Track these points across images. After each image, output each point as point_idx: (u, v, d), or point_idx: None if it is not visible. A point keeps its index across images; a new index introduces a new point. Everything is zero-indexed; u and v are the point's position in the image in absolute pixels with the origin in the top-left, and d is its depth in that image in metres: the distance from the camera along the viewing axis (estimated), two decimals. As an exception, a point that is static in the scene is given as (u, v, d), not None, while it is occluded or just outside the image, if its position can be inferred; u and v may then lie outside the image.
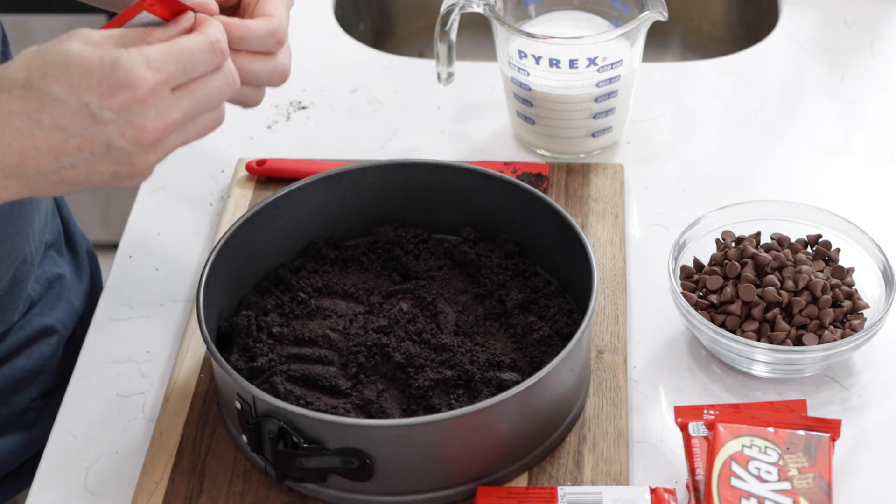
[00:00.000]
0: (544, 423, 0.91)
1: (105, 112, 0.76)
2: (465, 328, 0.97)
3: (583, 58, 1.11)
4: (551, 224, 0.99)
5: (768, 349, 0.95)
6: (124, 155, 0.78)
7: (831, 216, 1.04)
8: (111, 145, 0.77)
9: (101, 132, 0.77)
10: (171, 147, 0.80)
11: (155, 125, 0.77)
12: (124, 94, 0.76)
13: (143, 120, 0.77)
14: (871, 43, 1.32)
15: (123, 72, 0.75)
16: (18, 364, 1.08)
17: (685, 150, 1.20)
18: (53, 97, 0.76)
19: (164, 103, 0.77)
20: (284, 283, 1.02)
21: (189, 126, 0.80)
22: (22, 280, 1.05)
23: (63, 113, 0.76)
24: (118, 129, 0.76)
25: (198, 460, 0.93)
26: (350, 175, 1.04)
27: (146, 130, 0.77)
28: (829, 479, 0.87)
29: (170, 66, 0.77)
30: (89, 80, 0.75)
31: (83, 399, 0.99)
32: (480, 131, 1.23)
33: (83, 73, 0.75)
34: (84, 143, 0.77)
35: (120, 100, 0.76)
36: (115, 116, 0.76)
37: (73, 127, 0.76)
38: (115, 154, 0.78)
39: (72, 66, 0.76)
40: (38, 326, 1.09)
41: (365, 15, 1.50)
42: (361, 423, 0.86)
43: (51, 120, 0.76)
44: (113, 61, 0.76)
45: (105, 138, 0.77)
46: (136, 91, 0.76)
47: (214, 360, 0.89)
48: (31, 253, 1.06)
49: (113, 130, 0.76)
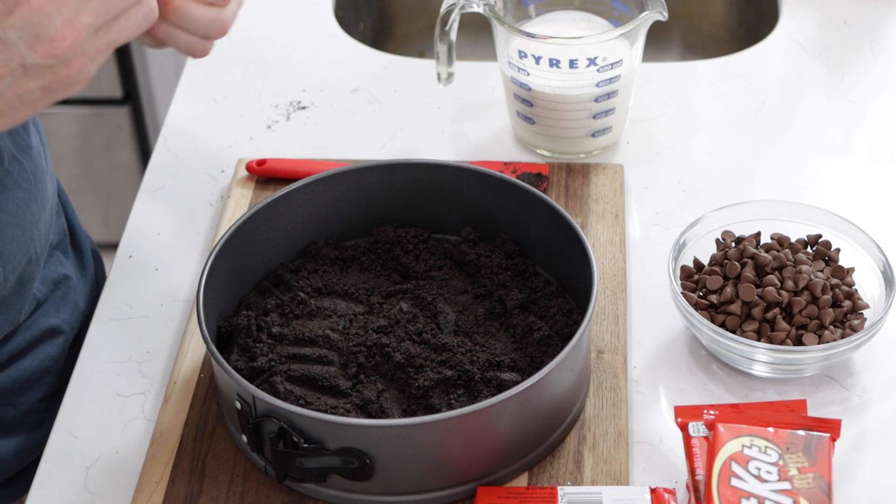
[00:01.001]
0: (544, 423, 0.91)
1: (9, 32, 0.73)
2: (465, 328, 0.97)
3: (583, 58, 1.11)
4: (551, 224, 0.99)
5: (768, 349, 0.95)
6: (45, 69, 0.75)
7: (831, 216, 1.04)
8: (27, 64, 0.74)
9: (13, 54, 0.74)
10: (98, 49, 0.76)
11: (64, 32, 0.74)
12: (21, 7, 0.72)
13: (49, 29, 0.73)
14: (871, 43, 1.32)
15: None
16: (24, 365, 1.08)
17: (685, 150, 1.20)
18: None
19: (70, 8, 0.73)
20: (284, 283, 1.02)
21: (112, 25, 0.76)
22: (28, 280, 1.04)
23: None
24: (28, 46, 0.73)
25: (198, 460, 0.93)
26: (350, 175, 1.04)
27: (56, 40, 0.73)
28: (829, 479, 0.87)
29: None
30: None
31: (83, 399, 0.99)
32: (480, 131, 1.23)
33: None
34: (4, 70, 0.74)
35: (19, 15, 0.73)
36: (20, 34, 0.73)
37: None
38: (34, 70, 0.75)
39: None
40: (44, 327, 1.09)
41: (365, 15, 1.50)
42: (361, 423, 0.86)
43: None
44: None
45: (19, 59, 0.74)
46: (32, 2, 0.73)
47: (214, 360, 0.89)
48: (37, 253, 1.05)
49: (23, 48, 0.73)
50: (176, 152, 1.21)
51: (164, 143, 1.22)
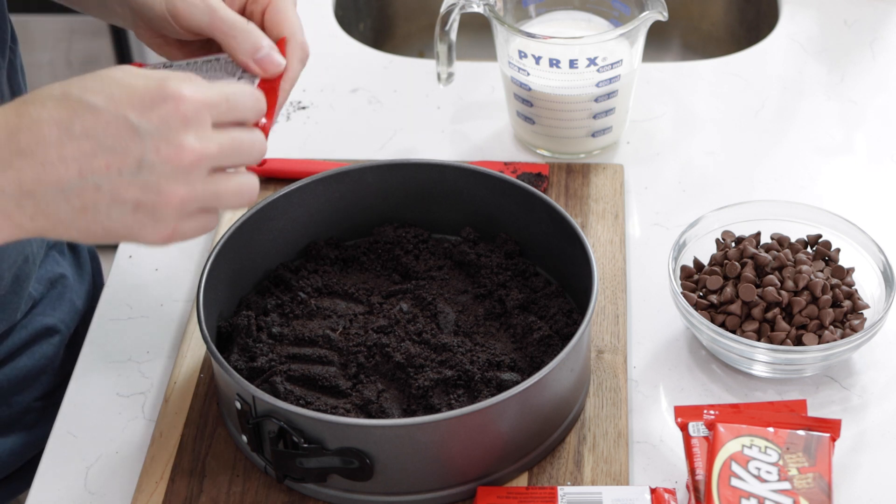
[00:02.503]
0: (544, 423, 0.91)
1: (143, 122, 0.73)
2: (465, 328, 0.97)
3: (583, 58, 1.11)
4: (551, 224, 0.99)
5: (768, 349, 0.95)
6: (154, 177, 0.73)
7: (831, 216, 1.04)
8: (143, 163, 0.73)
9: (137, 145, 0.73)
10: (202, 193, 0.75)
11: (193, 147, 0.74)
12: (167, 105, 0.73)
13: (183, 138, 0.73)
14: (871, 43, 1.32)
15: (170, 88, 0.73)
16: (20, 364, 1.08)
17: (685, 150, 1.20)
18: (91, 106, 0.72)
19: (205, 131, 0.75)
20: (284, 283, 1.02)
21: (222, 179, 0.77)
22: (24, 279, 1.05)
23: (98, 122, 0.72)
24: (154, 144, 0.73)
25: (198, 460, 0.93)
26: (350, 175, 1.04)
27: (184, 149, 0.73)
28: (829, 479, 0.87)
29: (215, 96, 0.75)
30: (132, 95, 0.73)
31: (83, 399, 0.99)
32: (480, 131, 1.23)
33: (126, 89, 0.73)
34: (114, 161, 0.73)
35: (162, 112, 0.73)
36: (154, 130, 0.73)
37: (106, 138, 0.73)
38: (144, 176, 0.73)
39: (115, 83, 0.73)
40: (39, 326, 1.09)
41: (365, 15, 1.50)
42: (361, 423, 0.86)
43: (83, 129, 0.72)
44: (160, 79, 0.74)
45: (139, 153, 0.73)
46: (179, 104, 0.73)
47: (214, 360, 0.89)
48: (33, 252, 1.06)
49: (149, 144, 0.73)
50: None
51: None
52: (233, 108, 0.77)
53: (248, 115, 0.78)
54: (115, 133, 0.73)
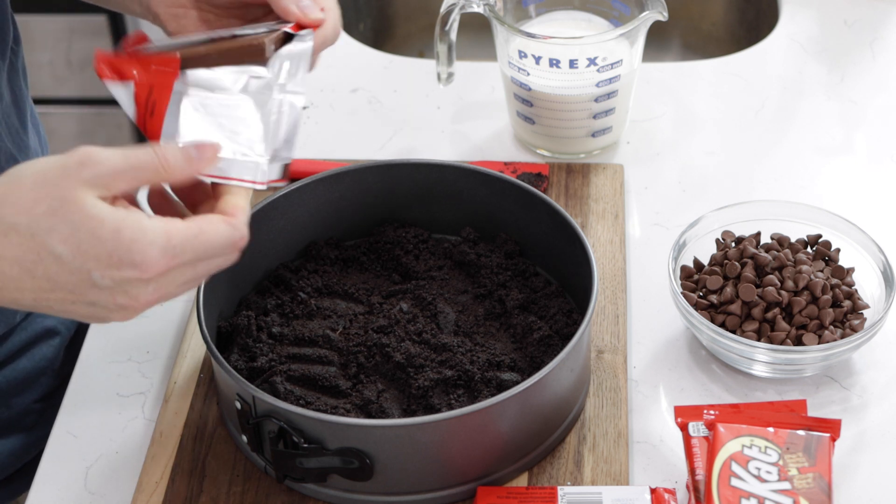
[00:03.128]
0: (544, 423, 0.91)
1: (105, 280, 0.72)
2: (465, 328, 0.97)
3: (583, 58, 1.11)
4: (551, 224, 0.99)
5: (768, 349, 0.95)
6: (105, 311, 0.75)
7: (831, 216, 1.04)
8: (96, 304, 0.74)
9: (92, 293, 0.73)
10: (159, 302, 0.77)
11: (149, 299, 0.74)
12: (132, 272, 0.72)
13: (139, 293, 0.74)
14: (871, 43, 1.32)
15: (139, 255, 0.72)
16: (20, 366, 1.08)
17: (685, 150, 1.20)
18: (56, 256, 0.72)
19: (167, 280, 0.74)
20: (284, 283, 1.02)
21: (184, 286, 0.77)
22: None
23: (60, 272, 0.72)
24: (111, 295, 0.73)
25: (198, 460, 0.93)
26: (350, 175, 1.04)
27: (139, 301, 0.74)
28: (829, 479, 0.87)
29: (186, 255, 0.74)
30: (98, 250, 0.72)
31: (83, 399, 0.99)
32: (480, 131, 1.23)
33: (94, 240, 0.71)
34: (68, 297, 0.73)
35: (124, 275, 0.72)
36: (114, 286, 0.73)
37: (66, 283, 0.73)
38: (96, 310, 0.75)
39: (83, 229, 0.71)
40: (39, 328, 1.09)
41: (365, 15, 1.50)
42: (361, 423, 0.86)
43: (45, 274, 0.72)
44: (131, 241, 0.72)
45: (93, 298, 0.73)
46: (144, 273, 0.73)
47: (214, 360, 0.89)
48: None
49: (105, 295, 0.73)
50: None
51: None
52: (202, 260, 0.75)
53: (217, 261, 0.77)
54: (76, 282, 0.72)
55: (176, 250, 0.73)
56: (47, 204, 0.71)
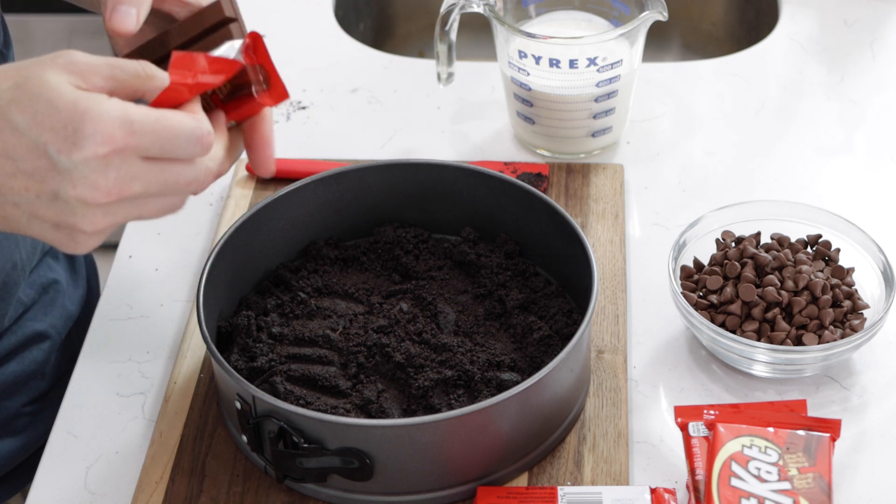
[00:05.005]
0: (544, 423, 0.91)
1: (62, 158, 0.70)
2: (465, 328, 0.97)
3: (583, 58, 1.11)
4: (551, 224, 0.99)
5: (768, 349, 0.95)
6: (69, 210, 0.72)
7: (831, 216, 1.04)
8: (58, 196, 0.71)
9: (53, 178, 0.70)
10: (123, 218, 0.73)
11: (110, 187, 0.71)
12: (88, 146, 0.70)
13: (99, 178, 0.70)
14: (871, 43, 1.32)
15: (92, 123, 0.69)
16: (9, 369, 1.07)
17: (685, 150, 1.20)
18: (13, 126, 0.70)
19: (129, 170, 0.71)
20: (284, 283, 1.02)
21: (148, 201, 0.74)
22: (12, 286, 1.04)
23: (18, 145, 0.70)
24: (70, 181, 0.70)
25: (198, 460, 0.93)
26: (350, 175, 1.04)
27: (99, 190, 0.71)
28: (829, 479, 0.87)
29: (147, 136, 0.71)
30: (54, 119, 0.69)
31: (83, 399, 0.99)
32: (480, 131, 1.23)
33: (51, 110, 0.69)
34: (31, 185, 0.71)
35: (80, 154, 0.70)
36: (72, 167, 0.70)
37: (24, 162, 0.70)
38: (60, 206, 0.71)
39: (42, 99, 0.70)
40: (30, 332, 1.08)
41: (365, 15, 1.50)
42: (361, 423, 0.86)
43: (4, 147, 0.70)
44: (85, 109, 0.69)
45: (55, 186, 0.71)
46: (99, 147, 0.70)
47: (214, 360, 0.89)
48: (22, 259, 1.05)
49: (65, 181, 0.70)
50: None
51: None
52: (166, 150, 0.72)
53: (183, 156, 0.73)
54: (34, 160, 0.70)
55: (134, 125, 0.70)
56: (14, 80, 0.71)
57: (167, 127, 0.72)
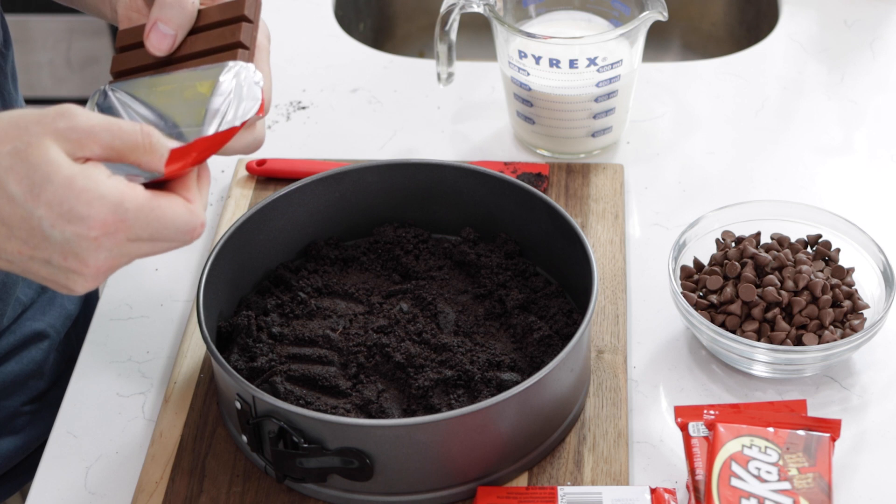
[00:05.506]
0: (544, 423, 0.91)
1: (55, 232, 0.71)
2: (465, 328, 0.97)
3: (583, 58, 1.11)
4: (551, 224, 1.00)
5: (768, 349, 0.95)
6: (61, 274, 0.74)
7: (831, 216, 1.04)
8: (51, 263, 0.73)
9: (46, 248, 0.72)
10: (124, 256, 0.75)
11: (99, 265, 0.73)
12: (79, 227, 0.71)
13: (90, 257, 0.72)
14: (871, 43, 1.32)
15: (86, 206, 0.71)
16: (7, 369, 1.07)
17: (685, 150, 1.20)
18: (9, 195, 0.71)
19: (119, 249, 0.73)
20: (284, 283, 1.02)
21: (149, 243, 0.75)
22: (10, 287, 1.04)
23: (13, 214, 0.71)
24: (62, 253, 0.72)
25: (198, 460, 0.93)
26: (350, 175, 1.04)
27: (88, 266, 0.73)
28: (829, 479, 0.87)
29: (138, 224, 0.73)
30: (49, 195, 0.71)
31: (83, 399, 0.99)
32: (480, 131, 1.23)
33: (46, 184, 0.70)
34: (25, 250, 0.73)
35: (73, 230, 0.71)
36: (63, 242, 0.72)
37: (18, 230, 0.72)
38: (52, 269, 0.73)
39: (39, 171, 0.70)
40: (28, 331, 1.08)
41: (365, 15, 1.50)
42: (361, 423, 0.86)
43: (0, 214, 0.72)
44: (82, 189, 0.71)
45: (47, 255, 0.72)
46: (91, 231, 0.71)
47: (214, 360, 0.89)
48: None
49: (57, 252, 0.72)
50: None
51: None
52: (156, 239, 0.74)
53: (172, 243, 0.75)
54: (28, 230, 0.72)
55: (128, 214, 0.72)
56: (13, 144, 0.71)
57: (160, 217, 0.74)
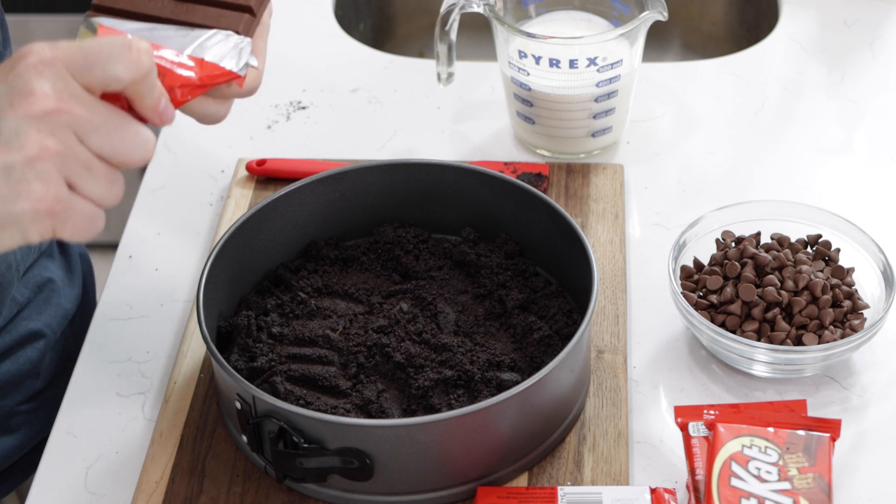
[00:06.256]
0: (544, 423, 0.91)
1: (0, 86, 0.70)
2: (465, 328, 0.97)
3: (583, 58, 1.11)
4: (551, 224, 1.00)
5: (768, 349, 0.95)
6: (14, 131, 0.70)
7: (831, 216, 1.04)
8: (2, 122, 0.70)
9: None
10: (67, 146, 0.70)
11: (47, 92, 0.70)
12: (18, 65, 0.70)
13: (34, 84, 0.70)
14: (871, 43, 1.32)
15: (25, 49, 0.71)
16: (3, 368, 1.07)
17: (685, 150, 1.20)
18: None
19: (63, 82, 0.71)
20: (284, 283, 1.02)
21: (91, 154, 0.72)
22: (6, 286, 1.04)
23: None
24: (9, 99, 0.70)
25: (198, 460, 0.93)
26: (350, 175, 1.04)
27: (36, 95, 0.70)
28: (829, 479, 0.87)
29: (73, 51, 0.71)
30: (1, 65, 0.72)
31: (83, 399, 0.99)
32: (480, 131, 1.23)
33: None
34: None
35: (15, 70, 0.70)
36: (7, 87, 0.70)
37: None
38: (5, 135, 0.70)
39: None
40: (24, 331, 1.08)
41: (365, 15, 1.50)
42: (361, 423, 0.86)
43: None
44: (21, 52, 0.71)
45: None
46: (29, 56, 0.70)
47: (214, 360, 0.89)
48: (17, 260, 1.05)
49: (4, 101, 0.70)
50: (176, 152, 1.21)
51: (164, 143, 1.22)
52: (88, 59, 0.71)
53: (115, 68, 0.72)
54: None
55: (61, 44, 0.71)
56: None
57: (93, 43, 0.72)
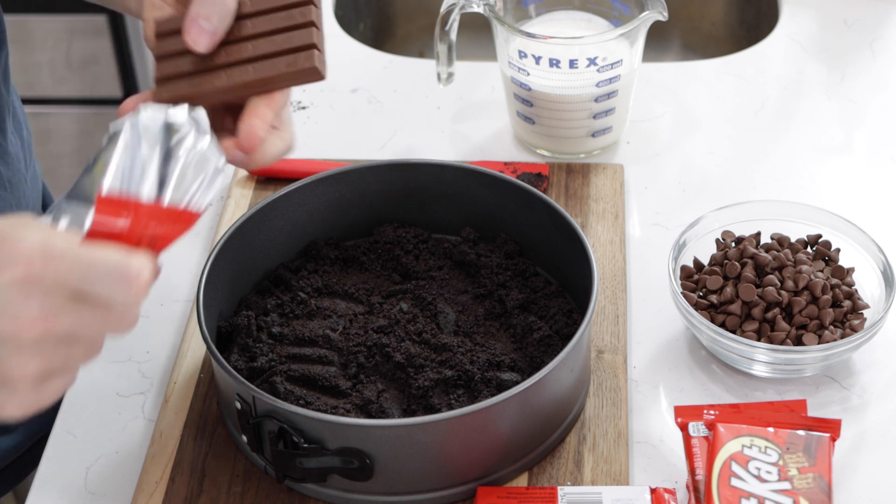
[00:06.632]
0: (544, 423, 0.91)
1: None
2: (465, 328, 0.97)
3: (583, 58, 1.11)
4: (551, 224, 1.00)
5: (768, 349, 0.95)
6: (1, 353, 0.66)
7: (831, 216, 1.04)
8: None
9: None
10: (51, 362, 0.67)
11: (34, 317, 0.65)
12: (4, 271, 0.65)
13: (21, 309, 0.65)
14: (871, 43, 1.32)
15: (10, 244, 0.65)
16: None
17: (685, 150, 1.20)
18: None
19: (53, 302, 0.66)
20: (284, 283, 1.02)
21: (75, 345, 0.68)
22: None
23: None
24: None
25: (198, 460, 0.93)
26: (350, 175, 1.04)
27: (20, 320, 0.65)
28: (829, 479, 0.87)
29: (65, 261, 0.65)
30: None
31: (83, 399, 0.99)
32: (480, 131, 1.23)
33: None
34: None
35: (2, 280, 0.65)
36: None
37: None
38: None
39: None
40: None
41: (365, 15, 1.50)
42: (361, 423, 0.86)
43: None
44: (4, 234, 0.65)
45: None
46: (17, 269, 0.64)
47: (214, 360, 0.89)
48: None
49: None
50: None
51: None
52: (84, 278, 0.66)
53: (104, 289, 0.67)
54: None
55: (55, 251, 0.66)
56: None
57: (90, 255, 0.67)
